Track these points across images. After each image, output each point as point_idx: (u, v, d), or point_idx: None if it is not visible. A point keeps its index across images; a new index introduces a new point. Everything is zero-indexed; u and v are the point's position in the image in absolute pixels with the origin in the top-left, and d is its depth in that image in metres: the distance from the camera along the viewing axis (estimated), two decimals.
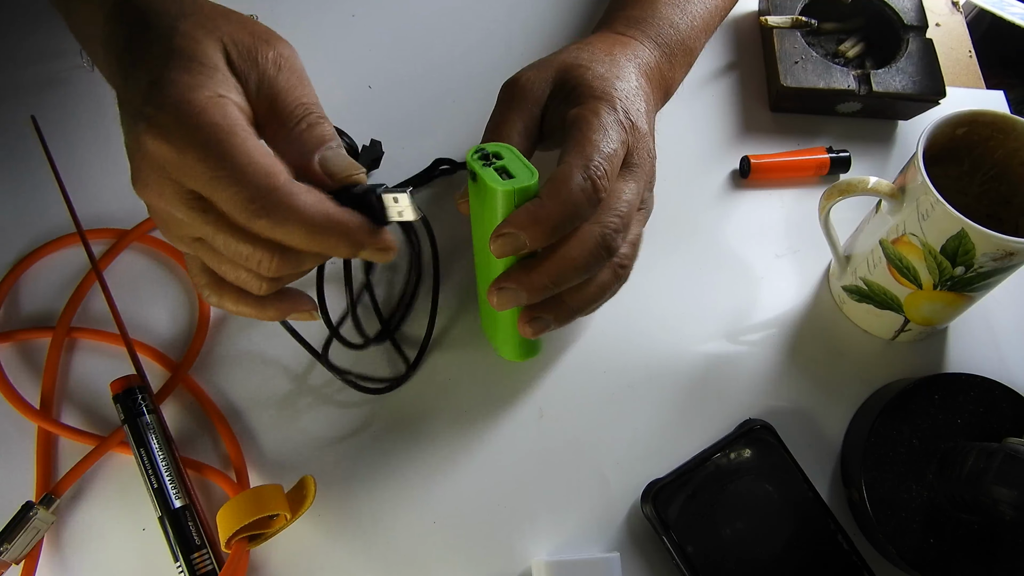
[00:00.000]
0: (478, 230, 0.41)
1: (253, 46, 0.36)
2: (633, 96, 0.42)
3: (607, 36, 0.47)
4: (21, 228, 0.50)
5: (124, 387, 0.43)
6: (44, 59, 0.55)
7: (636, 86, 0.43)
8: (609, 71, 0.43)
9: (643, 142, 0.42)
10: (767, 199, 0.54)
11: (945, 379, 0.46)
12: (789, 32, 0.57)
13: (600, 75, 0.42)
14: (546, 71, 0.44)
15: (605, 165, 0.38)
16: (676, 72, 0.50)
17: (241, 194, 0.31)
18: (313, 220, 0.32)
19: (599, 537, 0.44)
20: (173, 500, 0.41)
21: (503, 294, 0.38)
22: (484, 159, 0.37)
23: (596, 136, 0.39)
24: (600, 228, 0.38)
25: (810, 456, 0.45)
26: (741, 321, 0.50)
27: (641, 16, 0.49)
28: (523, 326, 0.40)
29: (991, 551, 0.42)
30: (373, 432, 0.46)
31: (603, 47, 0.45)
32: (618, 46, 0.46)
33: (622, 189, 0.40)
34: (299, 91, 0.36)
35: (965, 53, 0.62)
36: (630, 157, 0.41)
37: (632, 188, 0.40)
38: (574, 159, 0.38)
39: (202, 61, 0.33)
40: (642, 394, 0.47)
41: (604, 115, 0.40)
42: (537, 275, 0.38)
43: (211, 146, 0.31)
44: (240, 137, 0.32)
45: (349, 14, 0.59)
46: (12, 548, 0.39)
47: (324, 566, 0.42)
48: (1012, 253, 0.39)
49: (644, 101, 0.43)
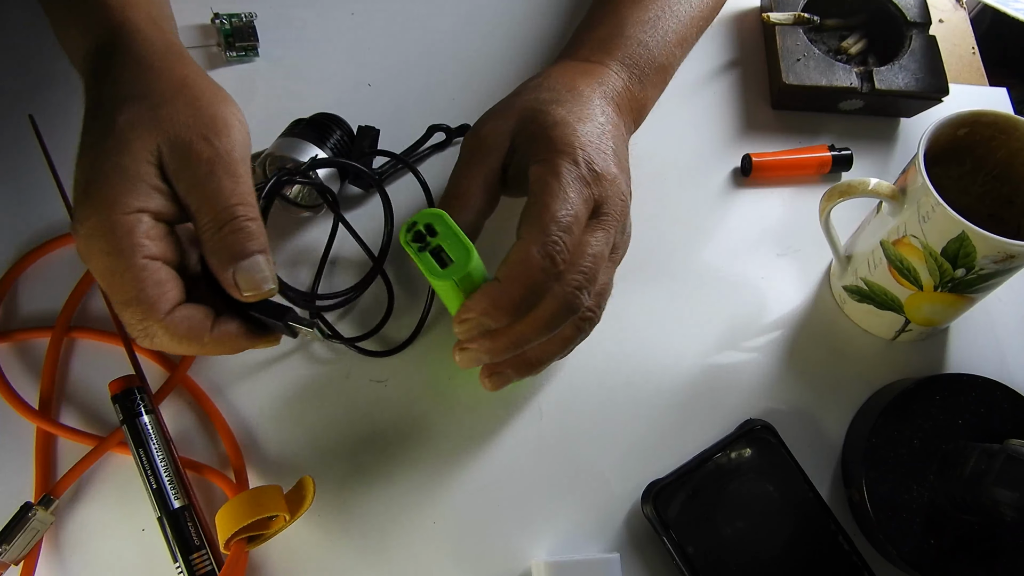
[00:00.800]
0: (436, 288, 0.41)
1: (188, 144, 0.37)
2: (598, 140, 0.41)
3: (570, 66, 0.46)
4: (19, 228, 0.50)
5: (123, 387, 0.43)
6: (43, 58, 0.55)
7: (602, 124, 0.42)
8: (571, 113, 0.41)
9: (613, 188, 0.41)
10: (769, 197, 0.54)
11: (946, 380, 0.45)
12: (791, 29, 0.57)
13: (560, 120, 0.41)
14: (506, 121, 0.42)
15: (564, 237, 0.37)
16: (649, 92, 0.48)
17: (126, 315, 0.36)
18: (189, 345, 0.37)
19: (599, 537, 0.44)
20: (172, 500, 0.41)
21: (466, 355, 0.40)
22: (418, 239, 0.36)
23: (554, 204, 0.38)
24: (563, 288, 0.38)
25: (811, 456, 0.45)
26: (742, 321, 0.50)
27: (607, 37, 0.47)
28: (484, 379, 0.42)
29: (992, 552, 0.42)
30: (372, 432, 0.45)
31: (566, 80, 0.44)
32: (582, 76, 0.44)
33: (588, 243, 0.39)
34: (227, 192, 0.37)
35: (968, 50, 0.62)
36: (599, 208, 0.40)
37: (600, 239, 0.40)
38: (531, 234, 0.37)
39: (126, 170, 0.36)
40: (642, 394, 0.47)
41: (564, 175, 0.39)
42: (500, 339, 0.39)
43: (108, 273, 0.35)
44: (138, 265, 0.35)
45: (348, 12, 0.59)
46: (11, 549, 0.39)
47: (323, 567, 0.42)
48: (1013, 256, 0.39)
49: (612, 139, 0.42)
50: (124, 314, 0.36)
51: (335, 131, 0.50)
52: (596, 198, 0.40)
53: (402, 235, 0.36)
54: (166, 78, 0.38)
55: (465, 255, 0.36)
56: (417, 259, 0.36)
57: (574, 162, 0.39)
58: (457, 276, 0.36)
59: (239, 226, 0.36)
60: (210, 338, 0.37)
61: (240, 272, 0.36)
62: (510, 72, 0.58)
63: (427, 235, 0.36)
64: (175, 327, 0.36)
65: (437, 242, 0.36)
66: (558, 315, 0.38)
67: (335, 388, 0.46)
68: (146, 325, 0.36)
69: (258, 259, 0.37)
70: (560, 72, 0.45)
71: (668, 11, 0.49)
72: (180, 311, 0.36)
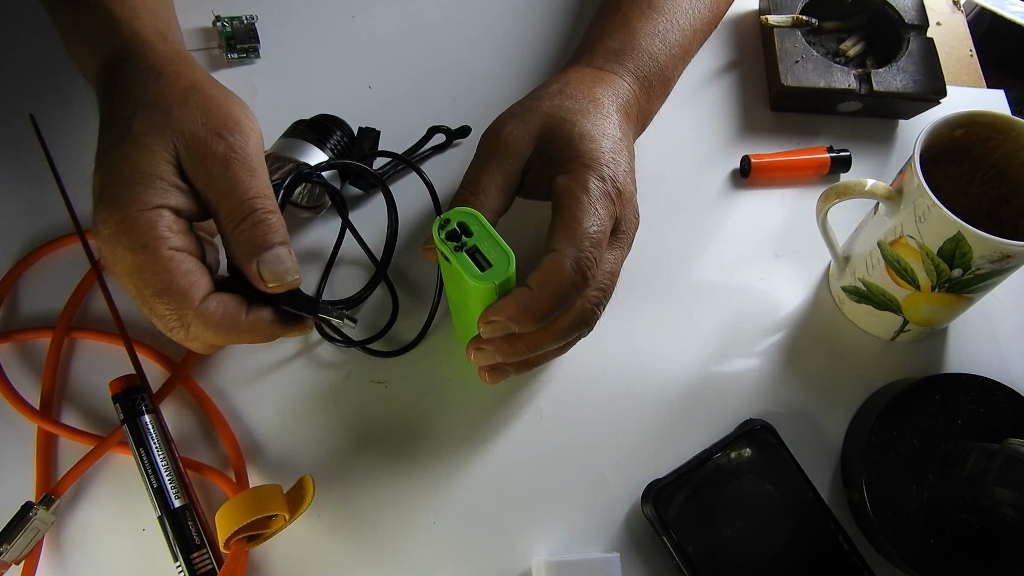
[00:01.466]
0: (451, 282, 0.41)
1: (204, 142, 0.37)
2: (618, 154, 0.42)
3: (587, 73, 0.46)
4: (20, 228, 0.50)
5: (123, 387, 0.43)
6: (43, 58, 0.55)
7: (620, 138, 0.43)
8: (595, 126, 0.42)
9: (630, 207, 0.42)
10: (767, 199, 0.54)
11: (945, 379, 0.45)
12: (790, 31, 0.57)
13: (587, 134, 0.41)
14: (529, 124, 0.42)
15: (595, 253, 0.38)
16: (654, 103, 0.49)
17: (160, 308, 0.36)
18: (226, 334, 0.37)
19: (599, 537, 0.44)
20: (173, 500, 0.41)
21: (481, 354, 0.41)
22: (452, 237, 0.36)
23: (586, 219, 0.38)
24: (584, 303, 0.39)
25: (810, 456, 0.45)
26: (741, 321, 0.50)
27: (620, 48, 0.48)
28: (484, 373, 0.42)
29: (991, 552, 0.42)
30: (372, 432, 0.45)
31: (585, 88, 0.44)
32: (599, 85, 0.45)
33: (607, 260, 0.40)
34: (245, 187, 0.37)
35: (966, 52, 0.62)
36: (617, 225, 0.41)
37: (616, 257, 0.41)
38: (565, 247, 0.38)
39: (144, 171, 0.36)
40: (642, 394, 0.47)
41: (593, 189, 0.39)
42: (518, 344, 0.39)
43: (136, 269, 0.36)
44: (164, 256, 0.36)
45: (350, 15, 0.59)
46: (12, 548, 0.39)
47: (323, 566, 0.42)
48: (1009, 256, 0.39)
49: (627, 154, 0.43)
50: (157, 307, 0.36)
51: (336, 132, 0.50)
52: (617, 215, 0.41)
53: (435, 232, 0.36)
54: (176, 83, 0.39)
55: (506, 260, 0.36)
56: (454, 258, 0.36)
57: (601, 178, 0.40)
58: (498, 280, 0.36)
59: (259, 219, 0.37)
60: (246, 324, 0.37)
61: (264, 264, 0.37)
62: (510, 73, 0.58)
63: (461, 234, 0.36)
64: (210, 315, 0.36)
65: (473, 243, 0.36)
66: (574, 327, 0.40)
67: (335, 389, 0.46)
68: (181, 314, 0.36)
69: (280, 251, 0.37)
70: (579, 80, 0.45)
71: (675, 23, 0.50)
72: (213, 299, 0.37)
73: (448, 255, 0.36)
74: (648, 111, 0.49)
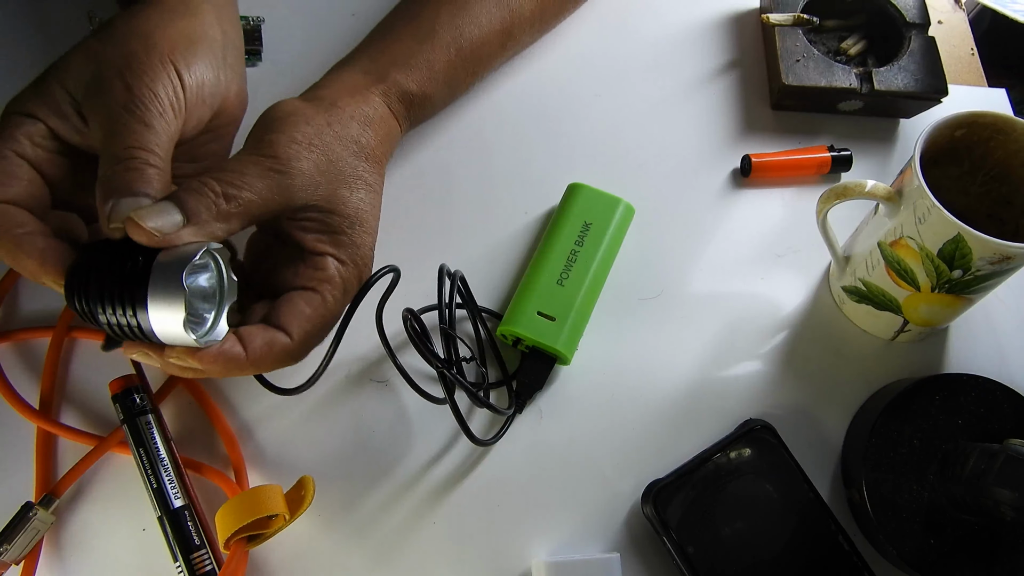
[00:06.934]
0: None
1: (106, 82, 0.36)
2: (363, 214, 0.40)
3: (334, 96, 0.44)
4: None
5: (123, 387, 0.43)
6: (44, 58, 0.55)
7: (360, 177, 0.41)
8: (329, 187, 0.39)
9: (366, 270, 0.41)
10: (768, 198, 0.54)
11: (946, 379, 0.45)
12: (791, 30, 0.57)
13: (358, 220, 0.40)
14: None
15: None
16: (424, 109, 0.49)
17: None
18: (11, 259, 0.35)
19: (599, 537, 0.44)
20: (173, 500, 0.41)
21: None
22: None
23: (322, 321, 0.39)
24: None
25: (811, 456, 0.45)
26: (741, 321, 0.50)
27: (382, 55, 0.47)
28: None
29: (992, 552, 0.42)
30: (372, 432, 0.45)
31: (323, 118, 0.41)
32: (336, 111, 0.42)
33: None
34: (135, 135, 0.35)
35: (967, 51, 0.62)
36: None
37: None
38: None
39: (40, 84, 0.37)
40: (642, 394, 0.47)
41: (328, 298, 0.39)
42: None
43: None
44: (1, 154, 0.35)
45: (349, 13, 0.59)
46: (12, 548, 0.39)
47: (323, 566, 0.42)
48: (1009, 257, 0.39)
49: (367, 189, 0.41)
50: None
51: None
52: (358, 279, 0.41)
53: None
54: (140, 22, 0.38)
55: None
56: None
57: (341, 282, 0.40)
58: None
59: (134, 166, 0.34)
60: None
61: (119, 205, 0.33)
62: (510, 74, 0.58)
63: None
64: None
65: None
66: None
67: (335, 388, 0.46)
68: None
69: (144, 200, 0.33)
70: (313, 110, 0.41)
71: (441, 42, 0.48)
72: (10, 209, 0.35)
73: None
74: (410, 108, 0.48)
